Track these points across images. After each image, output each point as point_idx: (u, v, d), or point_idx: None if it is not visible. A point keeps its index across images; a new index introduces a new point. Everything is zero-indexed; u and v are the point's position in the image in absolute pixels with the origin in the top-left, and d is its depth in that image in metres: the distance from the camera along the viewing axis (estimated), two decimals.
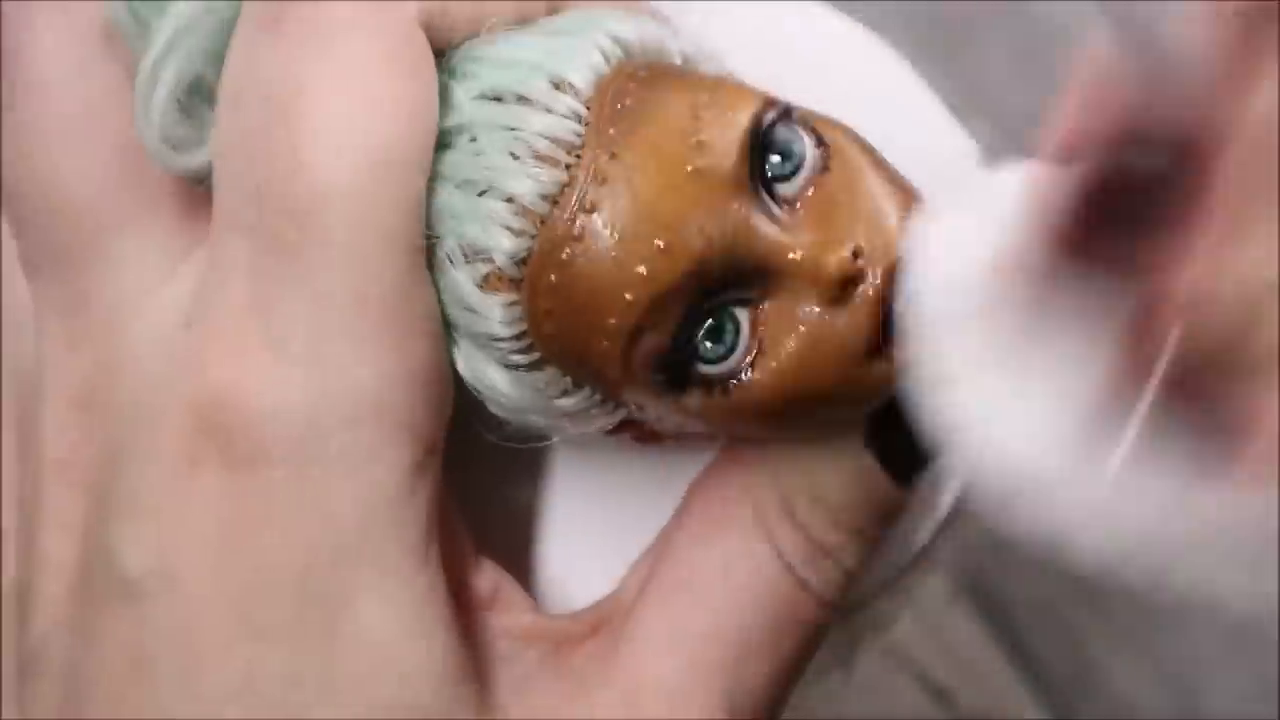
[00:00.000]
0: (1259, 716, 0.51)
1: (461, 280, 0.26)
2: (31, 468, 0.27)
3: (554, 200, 0.25)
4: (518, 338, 0.26)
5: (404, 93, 0.25)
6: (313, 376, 0.25)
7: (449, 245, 0.26)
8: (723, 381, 0.26)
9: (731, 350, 0.26)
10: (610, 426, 0.28)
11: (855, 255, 0.26)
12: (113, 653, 0.25)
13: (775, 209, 0.26)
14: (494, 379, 0.26)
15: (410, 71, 0.25)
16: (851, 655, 0.35)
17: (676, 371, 0.26)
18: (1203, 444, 0.21)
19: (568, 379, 0.26)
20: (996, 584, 0.52)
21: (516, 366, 0.26)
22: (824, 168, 0.26)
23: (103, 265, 0.27)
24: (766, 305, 0.26)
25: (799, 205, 0.26)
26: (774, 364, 0.26)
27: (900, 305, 0.25)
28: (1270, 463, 0.21)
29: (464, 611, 0.27)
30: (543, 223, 0.25)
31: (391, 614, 0.25)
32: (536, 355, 0.26)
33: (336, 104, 0.25)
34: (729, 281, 0.26)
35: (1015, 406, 0.23)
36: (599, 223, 0.25)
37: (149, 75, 0.27)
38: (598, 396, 0.27)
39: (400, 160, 0.25)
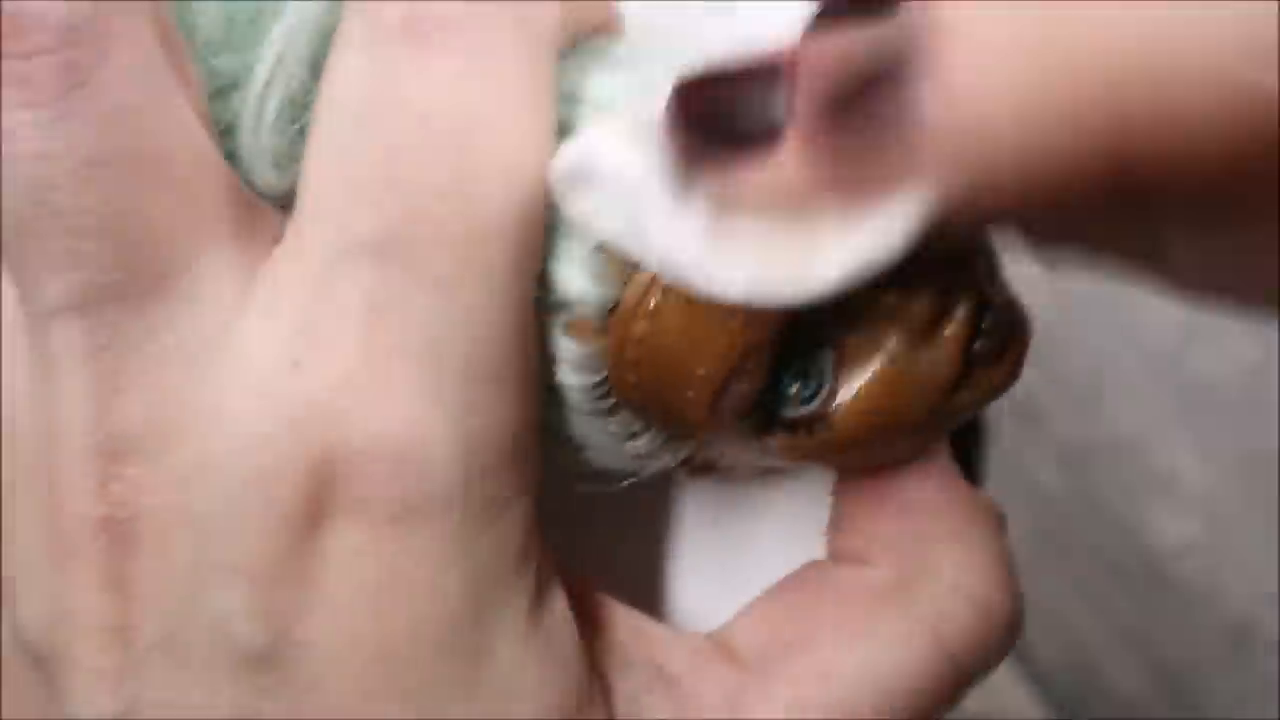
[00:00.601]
0: (1259, 717, 0.51)
1: (544, 325, 0.25)
2: (42, 522, 0.24)
3: None
4: (596, 385, 0.26)
5: (544, 120, 0.24)
6: (462, 423, 0.23)
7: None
8: (808, 424, 0.26)
9: (817, 393, 0.26)
10: (674, 464, 0.27)
11: (942, 304, 0.25)
12: None
13: None
14: (573, 429, 0.26)
15: (548, 91, 0.24)
16: None
17: (762, 416, 0.26)
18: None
19: (640, 423, 0.26)
20: None
21: (589, 413, 0.26)
22: None
23: (172, 299, 0.24)
24: (849, 342, 0.26)
25: None
26: (860, 404, 0.26)
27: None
28: None
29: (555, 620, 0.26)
30: (634, 271, 0.25)
31: (535, 652, 0.24)
32: (612, 402, 0.26)
33: (510, 135, 0.23)
34: (817, 322, 0.25)
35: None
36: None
37: (260, 93, 0.25)
38: (667, 436, 0.26)
39: (541, 197, 0.24)
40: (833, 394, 0.26)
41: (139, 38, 0.24)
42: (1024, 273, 0.33)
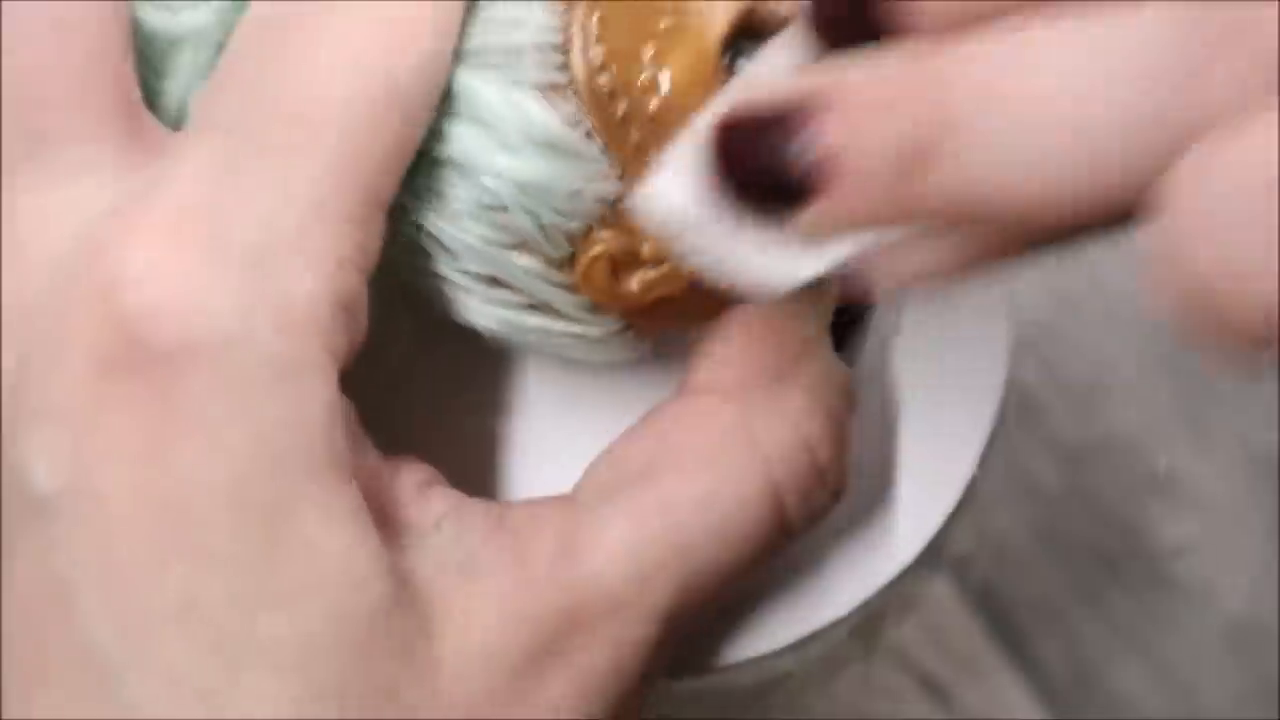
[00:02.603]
0: (1259, 717, 0.51)
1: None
2: None
3: None
4: (555, 48, 0.26)
5: (427, 28, 0.25)
6: (248, 279, 0.24)
7: None
8: None
9: None
10: (581, 230, 0.27)
11: None
12: (28, 579, 0.24)
13: None
14: (517, 112, 0.26)
15: (434, 13, 0.25)
16: (869, 653, 0.35)
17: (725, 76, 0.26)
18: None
19: (589, 120, 0.26)
20: (996, 584, 0.52)
21: (544, 86, 0.26)
22: None
23: (42, 173, 0.25)
24: None
25: None
26: None
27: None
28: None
29: (389, 501, 0.26)
30: None
31: (335, 523, 0.24)
32: (567, 75, 0.26)
33: (358, 25, 0.25)
34: (765, 30, 0.26)
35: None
36: None
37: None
38: (611, 154, 0.26)
39: (406, 102, 0.25)
40: None
41: None
42: (1023, 273, 0.33)
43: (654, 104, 0.26)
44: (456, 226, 0.27)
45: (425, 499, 0.27)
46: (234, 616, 0.23)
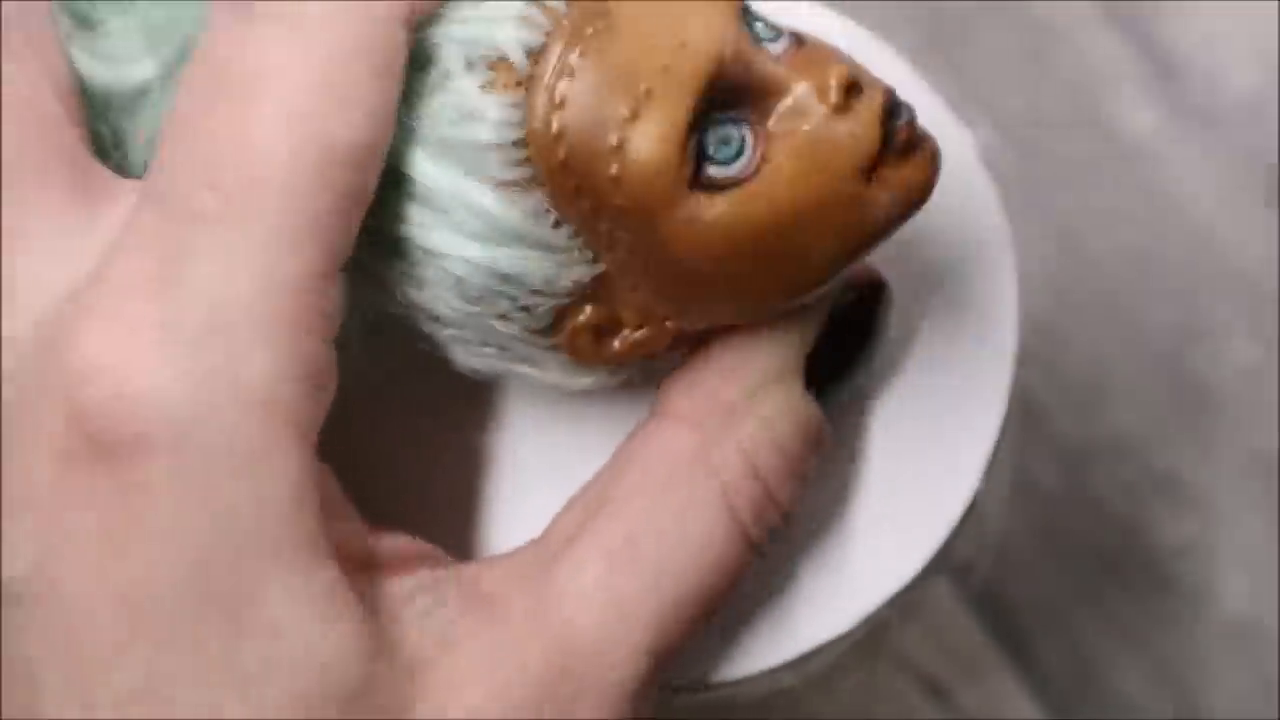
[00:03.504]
0: (1259, 717, 0.51)
1: (462, 89, 0.26)
2: None
3: None
4: (515, 144, 0.26)
5: (368, 92, 0.25)
6: (201, 362, 0.23)
7: (451, 54, 0.26)
8: (730, 186, 0.26)
9: (739, 154, 0.26)
10: (563, 306, 0.27)
11: (855, 77, 0.27)
12: None
13: (769, 50, 0.27)
14: (483, 209, 0.26)
15: (382, 69, 0.25)
16: (874, 660, 0.35)
17: (690, 168, 0.26)
18: None
19: (556, 211, 0.26)
20: (997, 584, 0.52)
21: (508, 183, 0.26)
22: (800, 42, 0.27)
23: None
24: (770, 124, 0.27)
25: (784, 59, 0.27)
26: (781, 167, 0.26)
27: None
28: None
29: (367, 576, 0.26)
30: (563, 16, 0.26)
31: (302, 605, 0.24)
32: (530, 171, 0.26)
33: (293, 87, 0.24)
34: (730, 102, 0.26)
35: None
36: (622, 16, 0.26)
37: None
38: (580, 239, 0.27)
39: (348, 161, 0.24)
40: (753, 162, 0.26)
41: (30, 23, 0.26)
42: (1017, 281, 0.33)
43: (619, 199, 0.26)
44: (435, 299, 0.27)
45: (404, 571, 0.26)
46: (197, 700, 0.23)
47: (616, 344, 0.28)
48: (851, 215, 0.27)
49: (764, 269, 0.27)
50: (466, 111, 0.26)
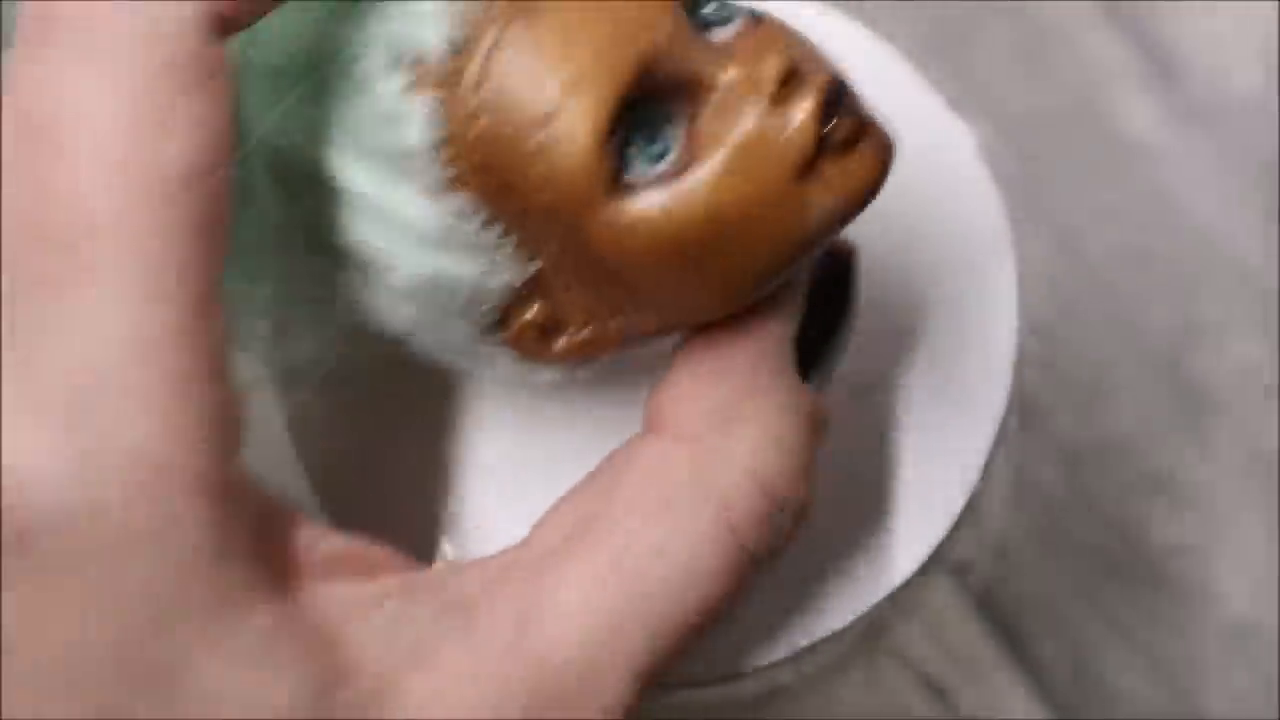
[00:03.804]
0: (1259, 717, 0.51)
1: (383, 92, 0.25)
2: None
3: None
4: (439, 146, 0.25)
5: (185, 108, 0.23)
6: (78, 441, 0.22)
7: (372, 55, 0.25)
8: (654, 185, 0.25)
9: (666, 153, 0.25)
10: (504, 304, 0.27)
11: (794, 67, 0.25)
12: None
13: (711, 40, 0.26)
14: (410, 213, 0.25)
15: (195, 83, 0.23)
16: (874, 659, 0.35)
17: (610, 171, 0.25)
18: None
19: (484, 211, 0.25)
20: (997, 584, 0.52)
21: (432, 187, 0.25)
22: (757, 22, 0.26)
23: None
24: (700, 121, 0.25)
25: (733, 44, 0.26)
26: (709, 167, 0.25)
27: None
28: None
29: (322, 585, 0.24)
30: (487, 10, 0.25)
31: (238, 664, 0.23)
32: (455, 171, 0.25)
33: (102, 123, 0.22)
34: (662, 96, 0.25)
35: None
36: (549, 8, 0.25)
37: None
38: (512, 239, 0.26)
39: (182, 187, 0.23)
40: (682, 159, 0.25)
41: None
42: (1017, 279, 0.33)
43: (543, 199, 0.25)
44: (383, 307, 0.27)
45: (369, 581, 0.25)
46: None
47: (562, 343, 0.27)
48: (787, 217, 0.25)
49: (693, 274, 0.26)
50: (388, 116, 0.25)
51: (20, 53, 0.23)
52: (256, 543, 0.24)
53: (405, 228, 0.26)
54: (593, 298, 0.27)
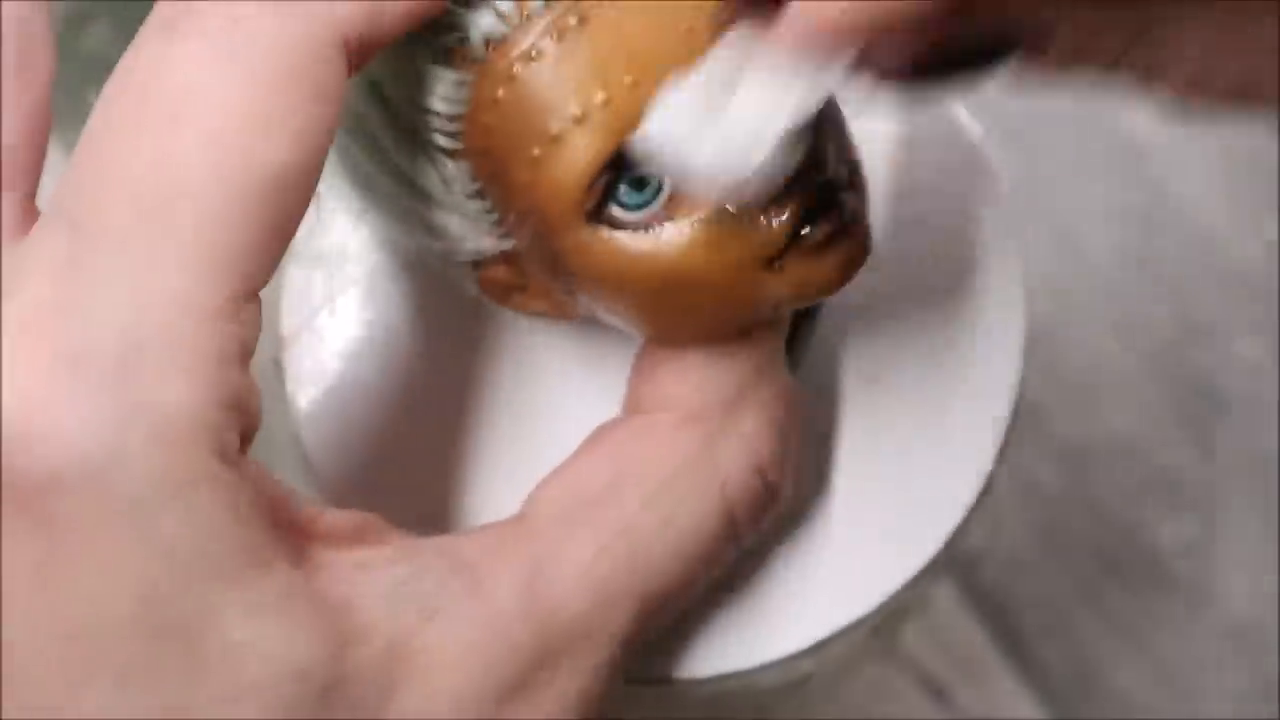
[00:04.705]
0: (1259, 717, 0.51)
1: (422, 53, 0.26)
2: None
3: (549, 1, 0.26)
4: (453, 118, 0.27)
5: (297, 118, 0.24)
6: (113, 395, 0.23)
7: (425, 27, 0.26)
8: (629, 227, 0.27)
9: (648, 203, 0.27)
10: (481, 259, 0.28)
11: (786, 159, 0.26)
12: None
13: None
14: (412, 164, 0.27)
15: (313, 95, 0.24)
16: (894, 638, 0.35)
17: (592, 202, 0.26)
18: None
19: (476, 185, 0.27)
20: (997, 584, 0.52)
21: (438, 149, 0.27)
22: None
23: None
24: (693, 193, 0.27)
25: None
26: (684, 228, 0.27)
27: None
28: None
29: (332, 553, 0.25)
30: (528, 16, 0.26)
31: (260, 619, 0.23)
32: (459, 144, 0.27)
33: (219, 109, 0.24)
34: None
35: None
36: (581, 37, 0.26)
37: None
38: (494, 215, 0.27)
39: (272, 188, 0.24)
40: (661, 215, 0.27)
41: None
42: (1023, 273, 0.33)
43: (526, 202, 0.27)
44: (396, 235, 0.29)
45: (377, 545, 0.26)
46: None
47: (521, 301, 0.29)
48: (741, 295, 0.27)
49: (646, 310, 0.28)
50: (420, 75, 0.26)
51: (152, 35, 0.24)
52: (267, 513, 0.24)
53: (404, 174, 0.27)
54: (558, 286, 0.28)
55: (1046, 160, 0.55)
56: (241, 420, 0.24)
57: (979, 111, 0.34)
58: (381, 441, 0.32)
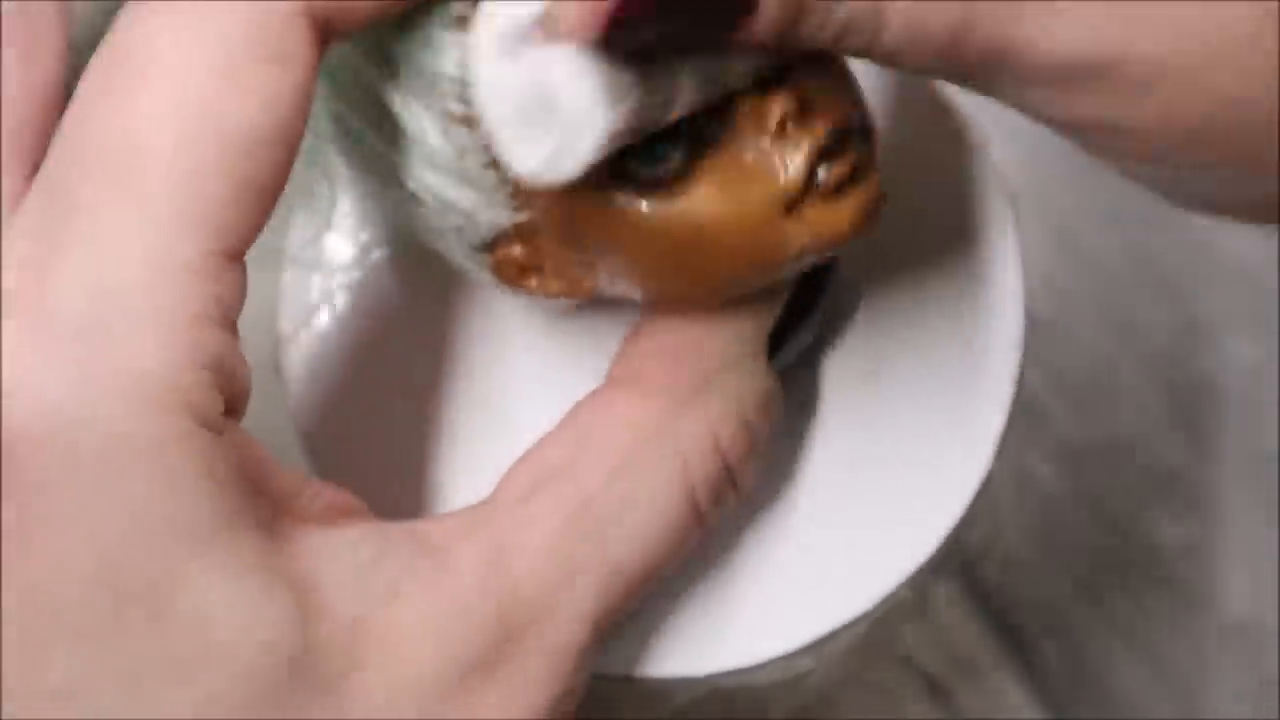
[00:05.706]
0: (1259, 717, 0.51)
1: (434, 21, 0.26)
2: None
3: None
4: (465, 84, 0.26)
5: (265, 80, 0.24)
6: (83, 354, 0.23)
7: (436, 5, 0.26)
8: (648, 186, 0.27)
9: (668, 157, 0.27)
10: (492, 236, 0.28)
11: (802, 105, 0.26)
12: None
13: None
14: (425, 127, 0.27)
15: (277, 57, 0.25)
16: (894, 637, 0.35)
17: (611, 165, 0.26)
18: None
19: (487, 155, 0.27)
20: (997, 584, 0.52)
21: (452, 117, 0.27)
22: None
23: None
24: (707, 135, 0.27)
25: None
26: (701, 187, 0.27)
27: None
28: None
29: (303, 530, 0.25)
30: None
31: (228, 585, 0.23)
32: (472, 111, 0.27)
33: (184, 71, 0.24)
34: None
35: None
36: None
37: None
38: (508, 187, 0.27)
39: (242, 148, 0.24)
40: (680, 173, 0.27)
41: None
42: (1022, 273, 0.33)
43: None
44: (410, 216, 0.29)
45: (345, 526, 0.26)
46: (123, 696, 0.23)
47: (536, 282, 0.29)
48: (763, 245, 0.27)
49: (665, 268, 0.27)
50: (432, 44, 0.26)
51: (131, 9, 0.25)
52: (243, 480, 0.24)
53: (420, 145, 0.27)
54: (571, 258, 0.28)
55: (1046, 160, 0.55)
56: (222, 382, 0.24)
57: (979, 111, 0.34)
58: (380, 440, 0.32)
